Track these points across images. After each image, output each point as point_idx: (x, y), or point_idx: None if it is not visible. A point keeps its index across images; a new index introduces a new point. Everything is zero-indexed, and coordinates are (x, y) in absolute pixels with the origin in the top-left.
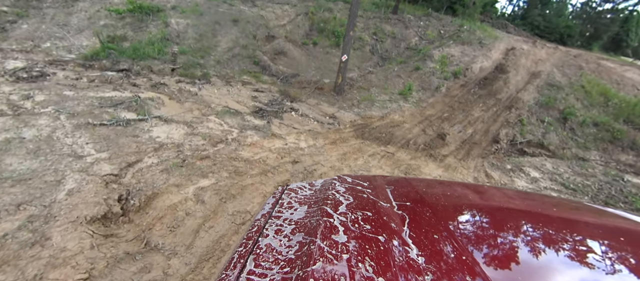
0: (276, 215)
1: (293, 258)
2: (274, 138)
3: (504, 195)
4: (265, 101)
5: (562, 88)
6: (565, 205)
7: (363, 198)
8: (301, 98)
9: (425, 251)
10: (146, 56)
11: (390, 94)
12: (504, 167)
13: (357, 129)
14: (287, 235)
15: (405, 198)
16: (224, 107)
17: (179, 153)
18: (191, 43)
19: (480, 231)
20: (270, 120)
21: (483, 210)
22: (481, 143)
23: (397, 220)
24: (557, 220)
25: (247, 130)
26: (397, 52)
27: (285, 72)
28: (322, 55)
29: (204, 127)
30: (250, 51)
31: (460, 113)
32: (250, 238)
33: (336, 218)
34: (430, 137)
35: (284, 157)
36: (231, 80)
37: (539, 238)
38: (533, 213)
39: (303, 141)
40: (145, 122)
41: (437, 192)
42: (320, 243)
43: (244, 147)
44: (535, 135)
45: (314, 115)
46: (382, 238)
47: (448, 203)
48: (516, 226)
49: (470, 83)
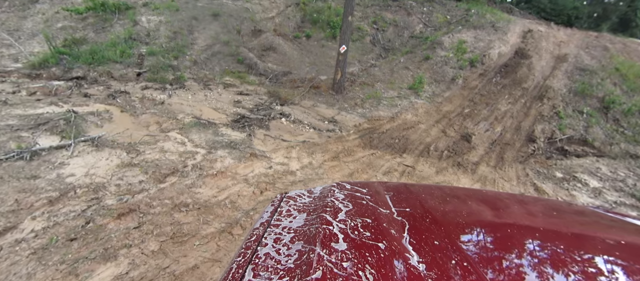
0: (275, 223)
1: (293, 267)
2: (253, 159)
3: (505, 199)
4: (249, 106)
5: (594, 73)
6: (568, 210)
7: (362, 204)
8: (294, 100)
9: (425, 257)
10: (106, 60)
11: (399, 89)
12: (553, 175)
13: (363, 135)
14: (286, 244)
15: (404, 204)
16: (194, 117)
17: (88, 206)
18: (163, 42)
19: (480, 237)
20: (253, 131)
21: (483, 215)
22: (514, 144)
23: (396, 226)
24: (560, 225)
25: (218, 149)
26: (400, 42)
27: (274, 70)
28: (316, 49)
29: (155, 150)
30: (234, 48)
31: (483, 107)
32: (248, 248)
33: (335, 225)
34: (453, 139)
35: (266, 191)
36: (210, 82)
37: (541, 243)
38: (535, 217)
39: (295, 159)
40: (64, 151)
41: (437, 197)
42: (320, 251)
43: (206, 180)
44: (576, 129)
45: (309, 120)
46: (382, 245)
47: (448, 209)
48: (517, 231)
49: (489, 71)
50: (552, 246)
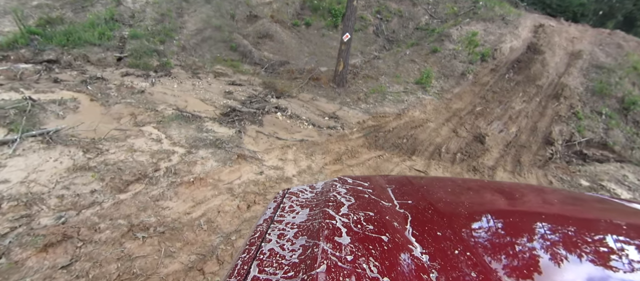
0: (278, 219)
1: (297, 262)
2: (242, 162)
3: (507, 189)
4: (241, 98)
5: (612, 71)
6: (573, 198)
7: (365, 198)
8: (291, 92)
9: (428, 249)
10: (83, 42)
11: (405, 84)
12: (579, 184)
13: (368, 134)
14: (290, 239)
15: (406, 197)
16: (176, 109)
17: (12, 229)
18: (149, 25)
19: (483, 227)
20: (244, 127)
21: (485, 205)
22: (531, 146)
23: (399, 219)
24: (564, 214)
25: (200, 149)
26: (405, 33)
27: (271, 59)
28: (317, 38)
29: (121, 149)
30: (226, 34)
31: (496, 105)
32: (253, 244)
33: (338, 219)
34: (465, 140)
35: (254, 205)
36: (199, 70)
37: (544, 232)
38: (539, 207)
39: (291, 162)
40: (5, 149)
41: (439, 189)
42: (324, 245)
43: (179, 190)
44: (595, 132)
45: (308, 115)
46: (385, 238)
47: (450, 200)
48: (521, 221)
49: (501, 67)
50: (556, 235)
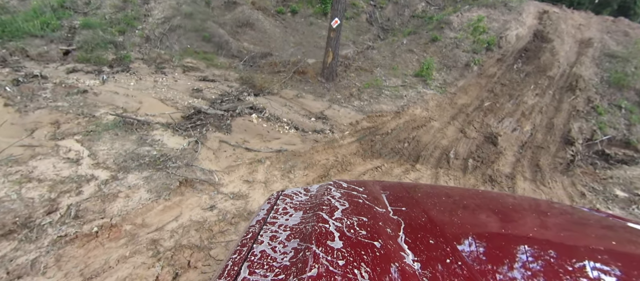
0: (271, 221)
1: (288, 265)
2: (186, 191)
3: (501, 199)
4: (212, 97)
5: (626, 60)
6: (568, 212)
7: (359, 203)
8: (272, 88)
9: (421, 256)
10: (22, 33)
11: (403, 77)
12: (614, 195)
13: (362, 137)
14: (282, 242)
15: (400, 203)
16: (121, 114)
17: None
18: (107, 13)
19: (476, 237)
20: (204, 135)
21: (478, 215)
22: (548, 147)
23: (392, 225)
24: (556, 227)
25: (132, 171)
26: (401, 21)
27: (251, 50)
28: (304, 27)
29: (11, 177)
30: (199, 22)
31: (506, 100)
32: (244, 245)
33: (332, 223)
34: (475, 141)
35: (187, 271)
36: (165, 64)
37: (536, 243)
38: (531, 218)
39: (260, 186)
40: None
41: (433, 197)
42: (316, 249)
43: (68, 250)
44: (617, 128)
45: (291, 116)
46: (378, 244)
47: (443, 208)
48: (513, 233)
49: (508, 56)
50: (546, 247)
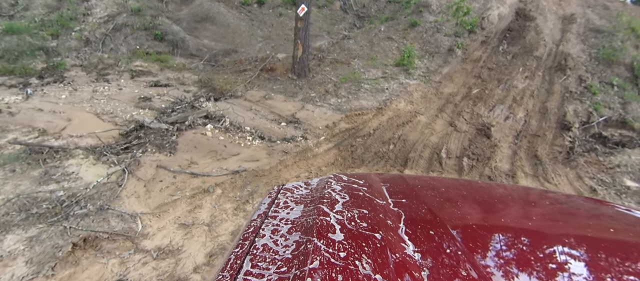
0: (272, 214)
1: (290, 258)
2: (83, 257)
3: (501, 190)
4: (162, 105)
5: (611, 34)
6: (566, 201)
7: (359, 196)
8: (236, 90)
9: (421, 247)
10: None
11: (383, 67)
12: (626, 187)
13: (341, 142)
14: (284, 235)
15: (400, 195)
16: (34, 138)
17: None
18: (38, 14)
19: (476, 227)
20: (137, 160)
21: (478, 205)
22: (545, 135)
23: (393, 217)
24: (554, 213)
25: (13, 229)
26: (377, 8)
27: (212, 48)
28: (272, 19)
29: None
30: (149, 19)
31: (495, 85)
32: (246, 239)
33: (332, 216)
34: (467, 135)
35: None
36: (108, 70)
37: (535, 233)
38: (531, 208)
39: (202, 230)
40: None
41: (433, 188)
42: (317, 241)
43: None
44: (613, 108)
45: (256, 123)
46: (378, 236)
47: (443, 199)
48: (513, 222)
49: (492, 38)
50: (546, 235)
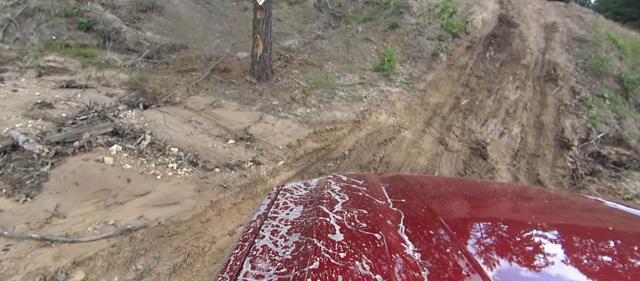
0: (272, 215)
1: (290, 259)
2: None
3: (501, 189)
4: (63, 115)
5: (595, 45)
6: (565, 199)
7: (358, 196)
8: (174, 95)
9: (421, 247)
10: None
11: (361, 72)
12: None
13: (306, 168)
14: (284, 236)
15: (400, 195)
16: None
17: None
18: None
19: (476, 227)
20: None
21: (478, 205)
22: (544, 154)
23: (392, 217)
24: (553, 212)
25: None
26: (354, 8)
27: (156, 42)
28: (234, 12)
29: None
30: (73, 4)
31: (485, 95)
32: (246, 240)
33: (332, 217)
34: (461, 156)
35: None
36: (7, 66)
37: (535, 231)
38: (532, 207)
39: None
40: None
41: (432, 188)
42: (317, 242)
43: None
44: (609, 124)
45: (192, 141)
46: (378, 236)
47: (443, 199)
48: (514, 221)
49: (477, 43)
50: (546, 233)
